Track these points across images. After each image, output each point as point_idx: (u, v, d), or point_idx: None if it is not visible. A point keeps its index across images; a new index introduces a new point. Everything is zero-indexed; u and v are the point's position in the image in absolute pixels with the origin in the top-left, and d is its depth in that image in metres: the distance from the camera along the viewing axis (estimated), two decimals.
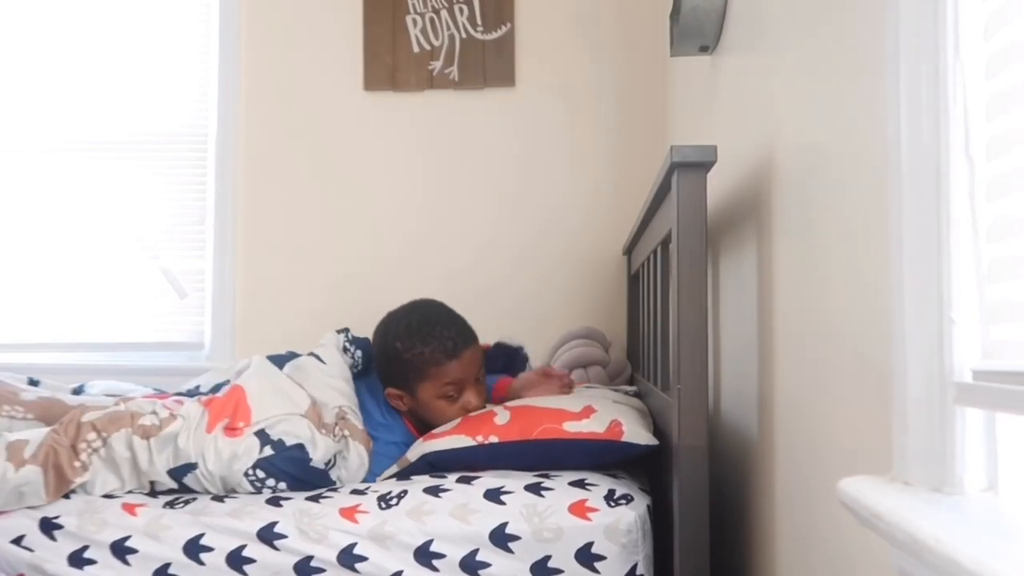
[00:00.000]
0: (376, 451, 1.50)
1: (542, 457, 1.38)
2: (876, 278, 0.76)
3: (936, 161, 0.63)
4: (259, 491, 1.37)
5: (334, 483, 1.41)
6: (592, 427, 1.37)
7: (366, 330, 1.69)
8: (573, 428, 1.37)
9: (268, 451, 1.38)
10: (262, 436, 1.39)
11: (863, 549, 0.78)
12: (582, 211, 2.42)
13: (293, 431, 1.40)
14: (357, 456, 1.45)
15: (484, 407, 1.55)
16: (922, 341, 0.64)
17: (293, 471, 1.38)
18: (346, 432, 1.46)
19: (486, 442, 1.38)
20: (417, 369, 1.54)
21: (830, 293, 0.90)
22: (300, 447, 1.38)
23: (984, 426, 0.62)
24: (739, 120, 1.38)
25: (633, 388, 1.80)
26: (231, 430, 1.40)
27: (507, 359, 1.90)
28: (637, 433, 1.37)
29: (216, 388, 1.70)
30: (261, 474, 1.37)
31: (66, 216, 2.53)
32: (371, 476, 1.47)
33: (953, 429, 0.62)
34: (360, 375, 1.66)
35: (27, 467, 1.32)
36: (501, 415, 1.43)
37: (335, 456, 1.42)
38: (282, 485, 1.38)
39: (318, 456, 1.38)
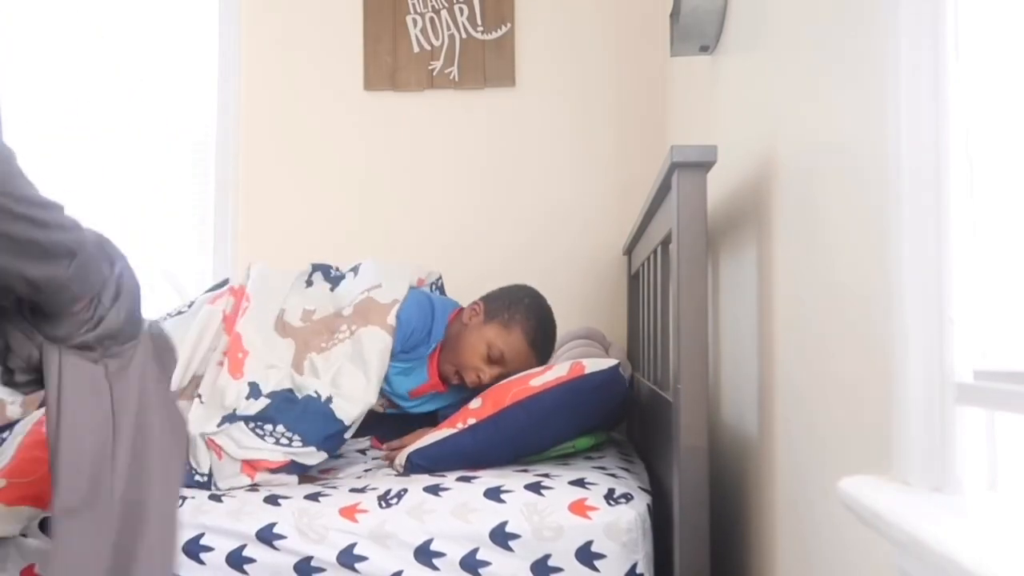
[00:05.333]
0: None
1: (523, 424, 1.44)
2: (876, 278, 0.76)
3: (936, 161, 0.63)
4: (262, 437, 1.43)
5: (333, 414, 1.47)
6: (556, 374, 1.47)
7: None
8: (539, 382, 1.47)
9: (263, 401, 1.45)
10: (252, 388, 1.46)
11: (863, 549, 0.78)
12: (582, 211, 2.42)
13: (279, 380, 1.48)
14: (371, 340, 1.54)
15: (477, 397, 1.58)
16: (922, 341, 0.64)
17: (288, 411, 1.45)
18: (353, 327, 1.56)
19: (466, 427, 1.46)
20: (509, 316, 1.68)
21: (830, 293, 0.90)
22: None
23: (984, 426, 0.62)
24: (739, 120, 1.38)
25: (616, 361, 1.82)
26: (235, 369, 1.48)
27: None
28: (598, 364, 1.47)
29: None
30: (266, 424, 1.43)
31: None
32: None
33: (953, 429, 0.62)
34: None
35: None
36: (474, 402, 1.52)
37: (334, 373, 1.50)
38: (280, 428, 1.44)
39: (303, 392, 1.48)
